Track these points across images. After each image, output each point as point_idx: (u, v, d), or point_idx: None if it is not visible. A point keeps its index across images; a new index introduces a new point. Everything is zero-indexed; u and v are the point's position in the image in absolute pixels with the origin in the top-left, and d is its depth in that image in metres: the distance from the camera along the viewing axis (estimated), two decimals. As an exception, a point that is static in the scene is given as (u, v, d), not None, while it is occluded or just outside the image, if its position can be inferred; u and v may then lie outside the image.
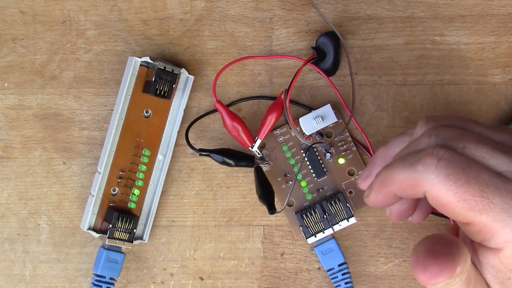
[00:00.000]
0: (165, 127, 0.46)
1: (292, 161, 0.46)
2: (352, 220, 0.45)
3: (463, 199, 0.32)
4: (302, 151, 0.46)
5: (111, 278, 0.45)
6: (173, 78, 0.45)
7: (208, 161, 0.46)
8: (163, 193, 0.46)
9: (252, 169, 0.45)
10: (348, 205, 0.45)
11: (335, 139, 0.46)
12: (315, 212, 0.45)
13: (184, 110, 0.46)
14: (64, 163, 0.46)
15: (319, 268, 0.46)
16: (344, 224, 0.45)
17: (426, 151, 0.34)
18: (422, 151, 0.34)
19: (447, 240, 0.32)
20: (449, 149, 0.33)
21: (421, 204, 0.39)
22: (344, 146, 0.46)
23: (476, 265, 0.34)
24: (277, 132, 0.46)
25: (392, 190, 0.35)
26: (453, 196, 0.32)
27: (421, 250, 0.32)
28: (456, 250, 0.31)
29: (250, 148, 0.45)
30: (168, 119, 0.46)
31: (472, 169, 0.32)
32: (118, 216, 0.44)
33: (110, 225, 0.44)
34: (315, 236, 0.45)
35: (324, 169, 0.46)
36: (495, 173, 0.33)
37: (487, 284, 0.34)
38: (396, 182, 0.35)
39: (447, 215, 0.33)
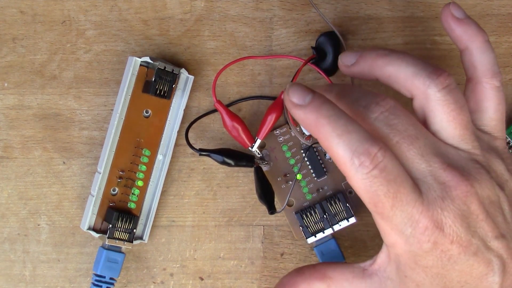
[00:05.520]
0: (165, 127, 0.46)
1: (292, 161, 0.46)
2: (352, 220, 0.45)
3: (375, 192, 0.34)
4: (302, 151, 0.46)
5: (111, 278, 0.45)
6: (173, 78, 0.45)
7: (208, 161, 0.46)
8: (163, 193, 0.46)
9: (252, 169, 0.45)
10: (348, 205, 0.45)
11: (335, 139, 0.46)
12: (315, 212, 0.45)
13: (184, 110, 0.46)
14: (64, 163, 0.46)
15: (319, 268, 0.46)
16: (344, 224, 0.45)
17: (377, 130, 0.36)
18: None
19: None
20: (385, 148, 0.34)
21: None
22: (344, 146, 0.46)
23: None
24: (277, 132, 0.46)
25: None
26: (369, 187, 0.34)
27: None
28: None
29: (250, 148, 0.45)
30: (168, 119, 0.46)
31: (399, 177, 0.34)
32: (118, 216, 0.44)
33: (110, 225, 0.44)
34: (315, 236, 0.45)
35: (324, 169, 0.46)
36: (412, 181, 0.34)
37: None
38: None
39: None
